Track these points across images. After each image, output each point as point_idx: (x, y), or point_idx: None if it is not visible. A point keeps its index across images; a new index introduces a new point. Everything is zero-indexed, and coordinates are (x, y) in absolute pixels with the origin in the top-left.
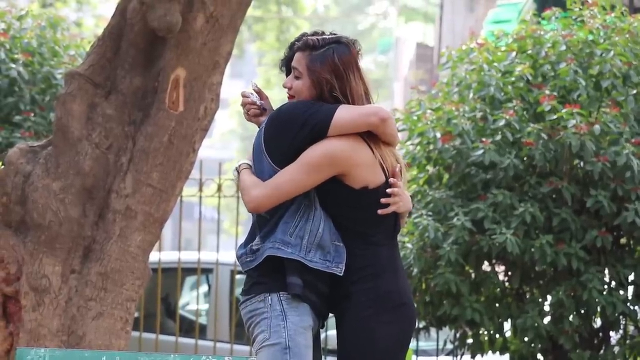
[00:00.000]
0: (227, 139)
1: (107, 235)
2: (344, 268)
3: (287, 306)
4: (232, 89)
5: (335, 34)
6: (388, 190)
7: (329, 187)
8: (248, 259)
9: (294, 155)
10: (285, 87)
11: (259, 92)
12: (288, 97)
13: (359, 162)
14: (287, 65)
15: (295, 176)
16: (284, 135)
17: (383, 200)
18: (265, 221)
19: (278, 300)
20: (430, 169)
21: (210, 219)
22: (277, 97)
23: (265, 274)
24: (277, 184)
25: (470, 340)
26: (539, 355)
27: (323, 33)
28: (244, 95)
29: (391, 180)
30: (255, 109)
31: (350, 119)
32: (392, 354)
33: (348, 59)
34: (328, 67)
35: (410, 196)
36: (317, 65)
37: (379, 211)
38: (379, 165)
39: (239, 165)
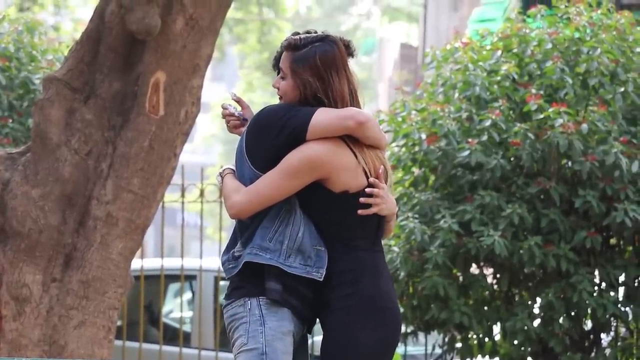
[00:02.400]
0: (209, 143)
1: (88, 243)
2: (324, 273)
3: (266, 311)
4: (214, 92)
5: (322, 33)
6: (368, 190)
7: (309, 191)
8: (231, 266)
9: (274, 159)
10: (274, 87)
11: (239, 102)
12: (279, 98)
13: (339, 166)
14: (278, 65)
15: (276, 182)
16: (263, 139)
17: (362, 199)
18: (246, 226)
19: (257, 305)
20: (415, 170)
21: (193, 225)
22: (260, 100)
23: (245, 279)
24: (257, 190)
25: (459, 345)
26: (529, 359)
27: (315, 32)
28: (223, 107)
29: (372, 180)
30: (234, 120)
31: (327, 123)
32: None
33: (330, 58)
34: (309, 68)
35: (396, 199)
36: (299, 66)
37: (359, 212)
38: (361, 170)
39: (223, 170)
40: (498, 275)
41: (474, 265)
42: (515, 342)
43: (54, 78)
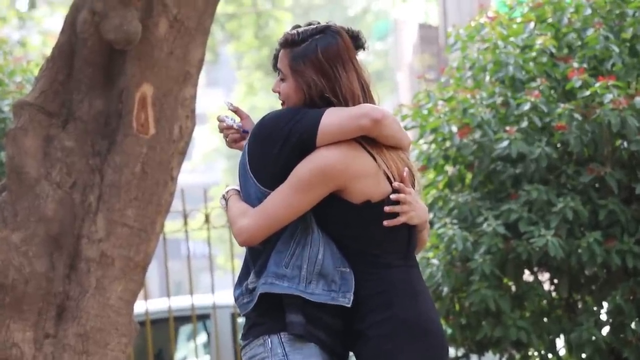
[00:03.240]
0: (211, 160)
1: (82, 289)
2: (352, 298)
3: (290, 348)
4: (210, 100)
5: (323, 24)
6: (393, 197)
7: (325, 205)
8: (245, 301)
9: (282, 173)
10: (274, 92)
11: (237, 112)
12: (281, 103)
13: (357, 173)
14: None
15: (287, 199)
16: (267, 151)
17: (387, 208)
18: (259, 253)
19: (279, 342)
20: (449, 169)
21: (200, 256)
22: (264, 105)
23: (263, 313)
24: (267, 211)
25: None
26: None
27: (318, 24)
28: (219, 120)
29: (396, 184)
30: (234, 133)
31: (339, 124)
32: None
33: (334, 51)
34: (311, 65)
35: (430, 203)
36: (300, 64)
37: (385, 222)
38: (382, 175)
39: (226, 192)
40: (556, 281)
41: (526, 271)
42: (583, 355)
43: (26, 103)
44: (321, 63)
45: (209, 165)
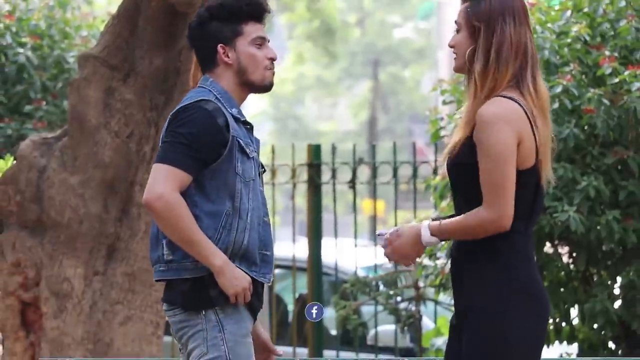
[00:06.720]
0: (258, 121)
1: (132, 232)
2: (272, 278)
3: (223, 315)
4: None
5: None
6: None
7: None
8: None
9: None
10: (450, 47)
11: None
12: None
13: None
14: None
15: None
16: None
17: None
18: None
19: (212, 310)
20: None
21: (284, 210)
22: (311, 73)
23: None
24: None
25: None
26: (610, 343)
27: None
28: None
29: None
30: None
31: None
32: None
33: (508, 3)
34: (481, 12)
35: None
36: (472, 11)
37: None
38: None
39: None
40: (574, 254)
41: (548, 244)
42: (595, 325)
43: (90, 55)
44: (490, 10)
45: (256, 126)
